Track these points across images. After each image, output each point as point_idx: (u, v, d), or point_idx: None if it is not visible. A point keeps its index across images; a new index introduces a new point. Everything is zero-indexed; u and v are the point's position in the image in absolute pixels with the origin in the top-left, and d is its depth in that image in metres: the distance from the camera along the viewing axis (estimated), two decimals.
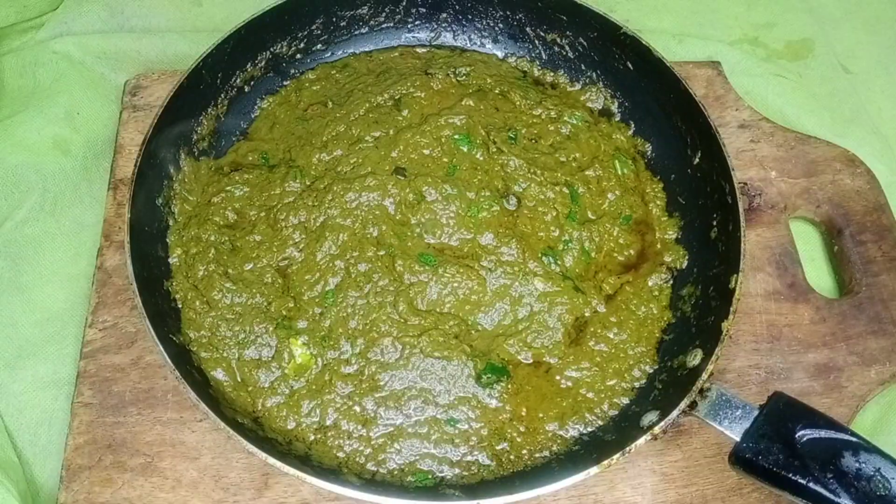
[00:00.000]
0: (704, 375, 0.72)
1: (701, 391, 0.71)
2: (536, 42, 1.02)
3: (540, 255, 0.86)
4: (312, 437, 0.77)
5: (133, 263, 0.75)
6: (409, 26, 1.04)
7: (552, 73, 1.03)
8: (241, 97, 0.97)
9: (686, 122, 0.90)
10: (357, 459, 0.76)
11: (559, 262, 0.86)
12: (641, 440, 0.69)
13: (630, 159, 0.95)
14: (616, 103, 1.00)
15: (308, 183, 0.89)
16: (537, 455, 0.77)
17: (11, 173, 0.93)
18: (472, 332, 0.82)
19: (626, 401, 0.80)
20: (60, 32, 1.03)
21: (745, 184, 0.97)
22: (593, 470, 0.68)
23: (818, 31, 1.16)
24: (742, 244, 0.79)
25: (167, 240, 0.86)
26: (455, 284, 0.83)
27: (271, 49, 0.97)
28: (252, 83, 0.97)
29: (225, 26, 0.91)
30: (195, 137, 0.92)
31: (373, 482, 0.75)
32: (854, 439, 0.66)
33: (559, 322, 0.83)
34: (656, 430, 0.70)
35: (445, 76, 0.99)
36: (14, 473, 0.78)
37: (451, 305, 0.83)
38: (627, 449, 0.69)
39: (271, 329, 0.80)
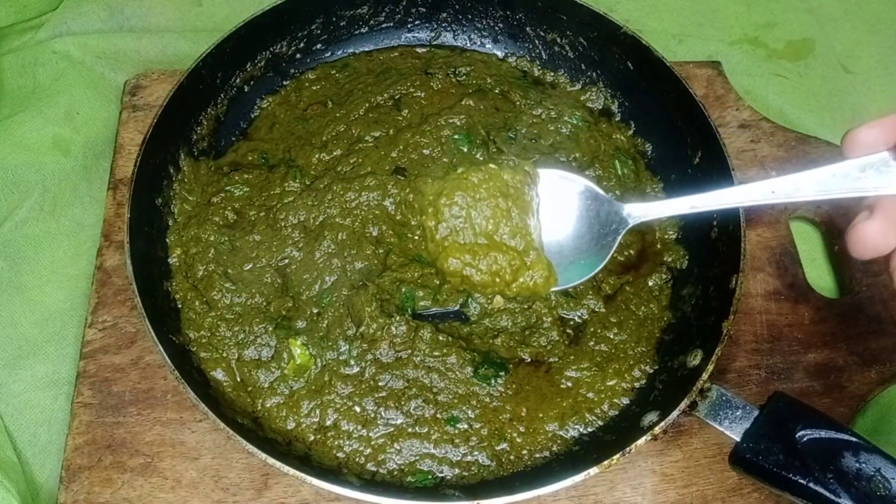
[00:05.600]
0: (705, 375, 0.72)
1: (701, 391, 0.71)
2: (536, 42, 1.02)
3: None
4: (312, 438, 0.77)
5: (133, 263, 0.75)
6: (408, 26, 1.04)
7: (552, 73, 1.02)
8: (240, 97, 0.97)
9: (686, 121, 0.90)
10: (357, 460, 0.76)
11: None
12: (641, 440, 0.69)
13: (630, 159, 0.95)
14: (616, 103, 1.00)
15: (308, 183, 0.89)
16: (537, 455, 0.77)
17: (11, 173, 0.93)
18: (464, 329, 0.82)
19: (626, 401, 0.80)
20: (60, 32, 1.03)
21: None
22: (593, 470, 0.68)
23: (818, 31, 1.16)
24: (742, 244, 0.78)
25: (167, 240, 0.86)
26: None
27: (271, 49, 0.97)
28: (252, 83, 0.97)
29: (225, 26, 0.91)
30: (195, 137, 0.92)
31: (373, 482, 0.75)
32: (854, 439, 0.65)
33: (549, 322, 0.83)
34: (656, 430, 0.70)
35: (445, 76, 0.99)
36: (14, 473, 0.78)
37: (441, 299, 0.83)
38: (627, 449, 0.69)
39: (270, 329, 0.80)
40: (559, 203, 0.68)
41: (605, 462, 0.68)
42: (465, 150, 0.91)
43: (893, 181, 0.53)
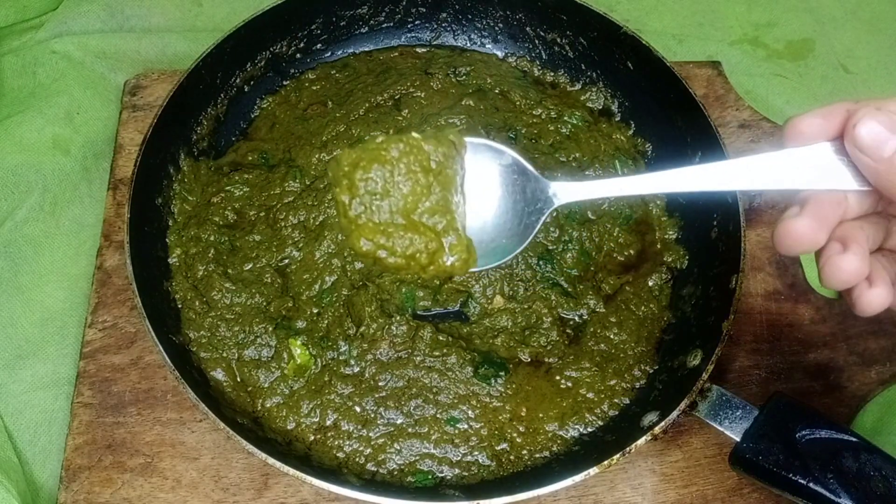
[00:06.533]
0: (704, 375, 0.72)
1: (701, 391, 0.71)
2: (536, 42, 1.02)
3: (538, 259, 0.86)
4: (312, 438, 0.77)
5: (132, 263, 0.75)
6: (408, 26, 1.04)
7: (552, 73, 1.02)
8: (240, 97, 0.97)
9: (686, 121, 0.90)
10: (357, 460, 0.76)
11: (556, 267, 0.86)
12: (641, 440, 0.69)
13: (630, 159, 0.95)
14: (616, 103, 1.00)
15: (308, 182, 0.89)
16: (537, 455, 0.77)
17: (11, 173, 0.93)
18: (464, 329, 0.82)
19: (626, 401, 0.80)
20: (60, 32, 1.03)
21: None
22: (593, 470, 0.68)
23: (818, 31, 1.16)
24: (742, 244, 0.78)
25: (167, 240, 0.86)
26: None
27: (271, 49, 0.97)
28: (252, 83, 0.97)
29: (225, 26, 0.91)
30: (195, 137, 0.92)
31: (373, 482, 0.75)
32: (854, 439, 0.65)
33: (549, 322, 0.83)
34: (656, 430, 0.70)
35: (445, 76, 0.99)
36: (14, 474, 0.78)
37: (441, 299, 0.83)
38: (627, 449, 0.69)
39: (270, 329, 0.80)
40: (484, 176, 0.62)
41: (605, 462, 0.68)
42: None
43: (827, 176, 0.51)
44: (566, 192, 0.62)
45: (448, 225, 0.61)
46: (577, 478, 0.67)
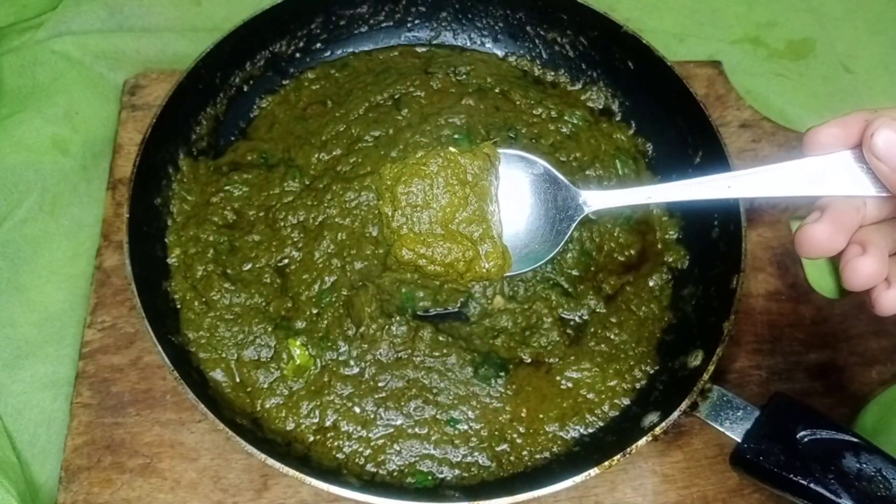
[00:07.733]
0: (705, 376, 0.71)
1: (702, 392, 0.71)
2: (537, 41, 1.02)
3: None
4: (312, 438, 0.76)
5: (132, 263, 0.75)
6: (408, 25, 1.04)
7: (553, 73, 1.02)
8: (240, 97, 0.96)
9: (687, 121, 0.90)
10: (356, 460, 0.76)
11: (556, 267, 0.86)
12: (642, 441, 0.69)
13: (631, 159, 0.95)
14: (617, 103, 0.99)
15: (307, 182, 0.89)
16: (538, 456, 0.77)
17: (10, 173, 0.93)
18: (464, 329, 0.82)
19: (626, 401, 0.80)
20: (59, 32, 1.03)
21: None
22: (594, 471, 0.68)
23: (819, 31, 1.16)
24: (743, 244, 0.78)
25: (166, 240, 0.86)
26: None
27: (270, 48, 0.97)
28: (251, 82, 0.97)
29: (224, 25, 0.91)
30: (194, 137, 0.92)
31: (372, 483, 0.74)
32: (855, 440, 0.65)
33: (550, 322, 0.83)
34: (657, 430, 0.70)
35: (445, 75, 0.98)
36: (13, 474, 0.78)
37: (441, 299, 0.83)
38: (628, 450, 0.69)
39: (270, 329, 0.80)
40: (518, 186, 0.67)
41: (606, 463, 0.68)
42: None
43: (846, 184, 0.54)
44: (596, 199, 0.66)
45: (484, 233, 0.66)
46: (578, 478, 0.67)
